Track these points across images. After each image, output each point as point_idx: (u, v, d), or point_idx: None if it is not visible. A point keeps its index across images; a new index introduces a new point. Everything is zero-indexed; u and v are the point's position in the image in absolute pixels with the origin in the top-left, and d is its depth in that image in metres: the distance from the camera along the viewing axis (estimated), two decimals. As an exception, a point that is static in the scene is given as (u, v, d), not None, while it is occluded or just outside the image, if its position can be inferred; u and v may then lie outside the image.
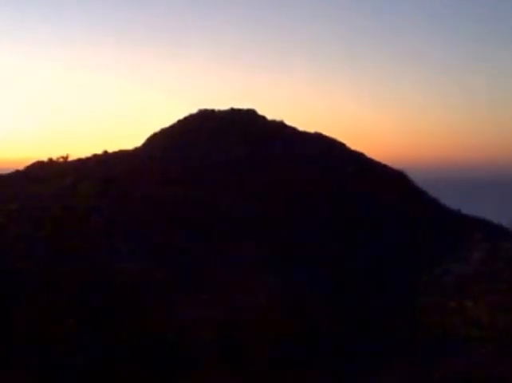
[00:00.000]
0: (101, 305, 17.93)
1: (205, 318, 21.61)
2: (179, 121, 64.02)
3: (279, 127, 62.23)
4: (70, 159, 53.21)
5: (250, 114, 64.06)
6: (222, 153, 52.78)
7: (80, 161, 53.94)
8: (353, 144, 64.19)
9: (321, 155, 56.10)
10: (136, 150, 60.13)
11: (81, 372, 15.85)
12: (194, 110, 64.91)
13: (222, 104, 73.48)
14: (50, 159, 53.68)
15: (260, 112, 64.08)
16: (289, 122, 63.70)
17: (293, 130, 62.62)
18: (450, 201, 56.54)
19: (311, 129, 63.44)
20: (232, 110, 64.51)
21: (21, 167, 53.34)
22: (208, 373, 18.22)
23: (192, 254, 32.53)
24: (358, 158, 59.07)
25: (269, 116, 63.87)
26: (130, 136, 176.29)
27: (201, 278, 28.12)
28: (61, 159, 53.25)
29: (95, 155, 56.26)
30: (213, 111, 64.62)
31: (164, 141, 59.59)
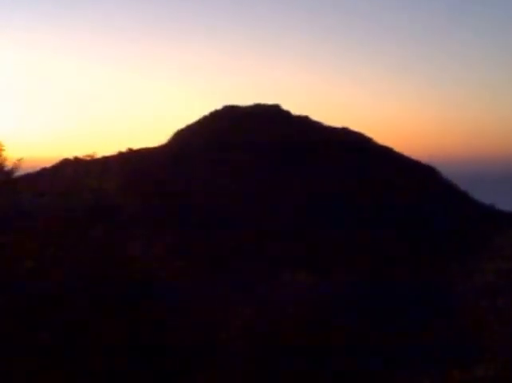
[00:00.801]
0: (126, 303, 17.77)
1: (232, 320, 21.31)
2: (205, 117, 63.78)
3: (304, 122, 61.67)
4: (96, 157, 53.35)
5: (275, 109, 63.55)
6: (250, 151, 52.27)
7: (106, 159, 54.03)
8: (381, 139, 63.16)
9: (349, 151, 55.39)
10: (161, 147, 60.00)
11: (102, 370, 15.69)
12: (218, 106, 64.74)
13: (246, 100, 73.10)
14: (76, 158, 53.88)
15: (284, 107, 63.75)
16: (314, 117, 63.13)
17: (318, 125, 61.96)
18: (485, 196, 55.21)
19: (337, 124, 62.72)
20: (256, 105, 64.09)
21: (48, 165, 53.59)
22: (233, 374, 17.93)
23: (219, 252, 32.23)
24: (386, 153, 58.25)
25: (294, 112, 63.45)
26: (155, 133, 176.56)
27: (229, 278, 27.80)
28: (88, 157, 53.43)
29: (120, 153, 56.33)
30: (238, 107, 64.27)
31: (190, 138, 59.37)
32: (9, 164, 16.67)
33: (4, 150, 16.54)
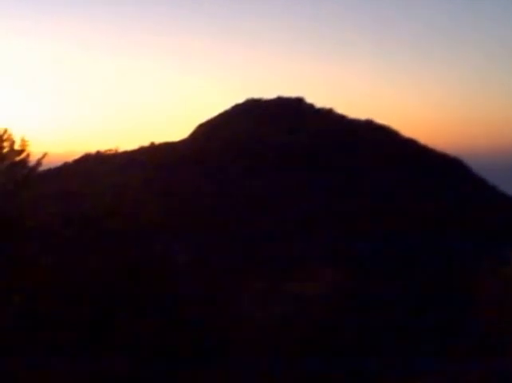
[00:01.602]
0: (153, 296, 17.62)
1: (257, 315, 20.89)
2: (227, 111, 63.22)
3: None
4: (118, 151, 53.38)
5: (298, 102, 62.84)
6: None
7: (128, 153, 53.89)
8: (407, 131, 62.18)
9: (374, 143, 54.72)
10: (184, 141, 59.63)
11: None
12: (241, 99, 64.14)
13: (269, 93, 72.47)
14: (99, 152, 53.91)
15: (308, 100, 63.02)
16: (339, 110, 62.29)
17: (342, 118, 61.18)
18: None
19: (362, 116, 61.84)
20: (279, 99, 63.40)
21: (70, 160, 53.56)
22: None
23: (243, 243, 31.94)
24: (411, 145, 57.43)
25: (318, 105, 62.69)
26: (176, 128, 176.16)
27: (254, 268, 27.48)
28: (110, 152, 53.47)
29: (142, 148, 56.17)
30: (260, 100, 63.61)
31: (212, 132, 58.92)
32: (32, 160, 16.51)
33: (28, 145, 16.32)
